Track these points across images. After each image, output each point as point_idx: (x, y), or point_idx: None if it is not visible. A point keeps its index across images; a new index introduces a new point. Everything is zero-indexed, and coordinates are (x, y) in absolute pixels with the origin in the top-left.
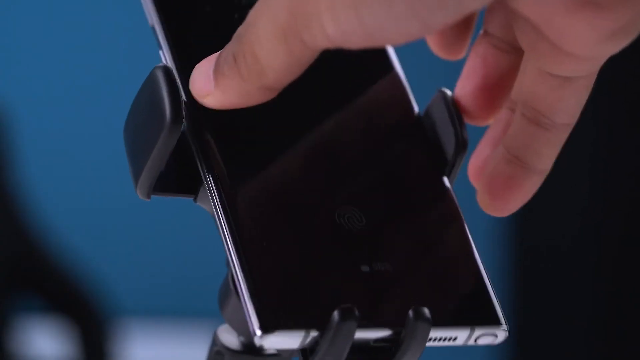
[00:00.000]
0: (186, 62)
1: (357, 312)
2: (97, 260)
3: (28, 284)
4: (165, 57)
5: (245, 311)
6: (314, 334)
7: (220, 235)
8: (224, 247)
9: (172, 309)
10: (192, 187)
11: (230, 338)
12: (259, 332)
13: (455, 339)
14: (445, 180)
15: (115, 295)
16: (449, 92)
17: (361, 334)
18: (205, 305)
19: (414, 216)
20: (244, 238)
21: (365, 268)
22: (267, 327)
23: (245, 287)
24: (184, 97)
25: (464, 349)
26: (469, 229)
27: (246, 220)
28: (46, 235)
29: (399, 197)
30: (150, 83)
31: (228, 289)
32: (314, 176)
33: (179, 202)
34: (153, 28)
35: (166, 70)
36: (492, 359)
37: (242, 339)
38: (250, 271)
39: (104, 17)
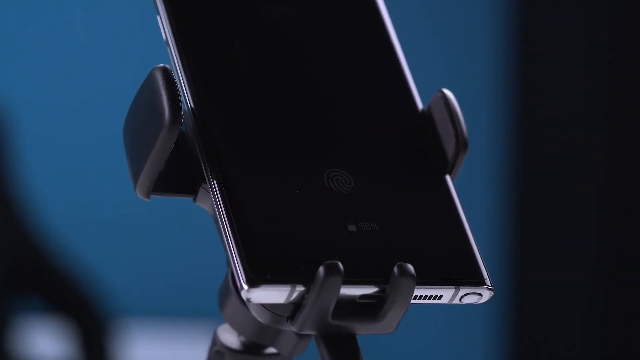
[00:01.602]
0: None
1: (342, 268)
2: (97, 260)
3: (28, 284)
4: (176, 66)
5: (233, 266)
6: (300, 288)
7: (222, 240)
8: (225, 249)
9: (172, 309)
10: (191, 187)
11: (230, 338)
12: (246, 286)
13: (440, 297)
14: (448, 181)
15: (115, 295)
16: (449, 92)
17: (347, 290)
18: (205, 305)
19: (401, 180)
20: (233, 196)
21: (352, 227)
22: (254, 281)
23: (234, 242)
24: (188, 98)
25: (465, 346)
26: (469, 226)
27: (236, 180)
28: (46, 236)
29: (388, 161)
30: (149, 84)
31: (228, 289)
32: (307, 142)
33: (179, 202)
34: (165, 37)
35: (165, 71)
36: (492, 357)
37: (242, 338)
38: (238, 228)
39: (103, 18)
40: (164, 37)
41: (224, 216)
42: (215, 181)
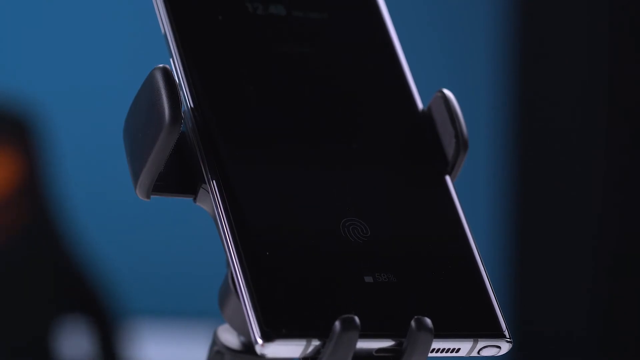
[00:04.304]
0: (196, 70)
1: (358, 322)
2: (96, 260)
3: (33, 284)
4: (176, 66)
5: (247, 319)
6: (315, 343)
7: (222, 241)
8: (225, 252)
9: (173, 309)
10: (191, 188)
11: (230, 338)
12: (260, 341)
13: (458, 350)
14: (449, 183)
15: (114, 295)
16: (449, 92)
17: (363, 344)
18: (205, 305)
19: (418, 228)
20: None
21: (368, 279)
22: (269, 336)
23: (248, 295)
24: (188, 98)
25: None
26: (471, 230)
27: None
28: (46, 236)
29: (404, 208)
30: (149, 84)
31: (228, 289)
32: (319, 188)
33: (179, 202)
34: (165, 37)
35: (165, 71)
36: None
37: (242, 338)
38: (253, 280)
39: (103, 17)
40: (164, 37)
41: (223, 217)
42: (215, 181)
